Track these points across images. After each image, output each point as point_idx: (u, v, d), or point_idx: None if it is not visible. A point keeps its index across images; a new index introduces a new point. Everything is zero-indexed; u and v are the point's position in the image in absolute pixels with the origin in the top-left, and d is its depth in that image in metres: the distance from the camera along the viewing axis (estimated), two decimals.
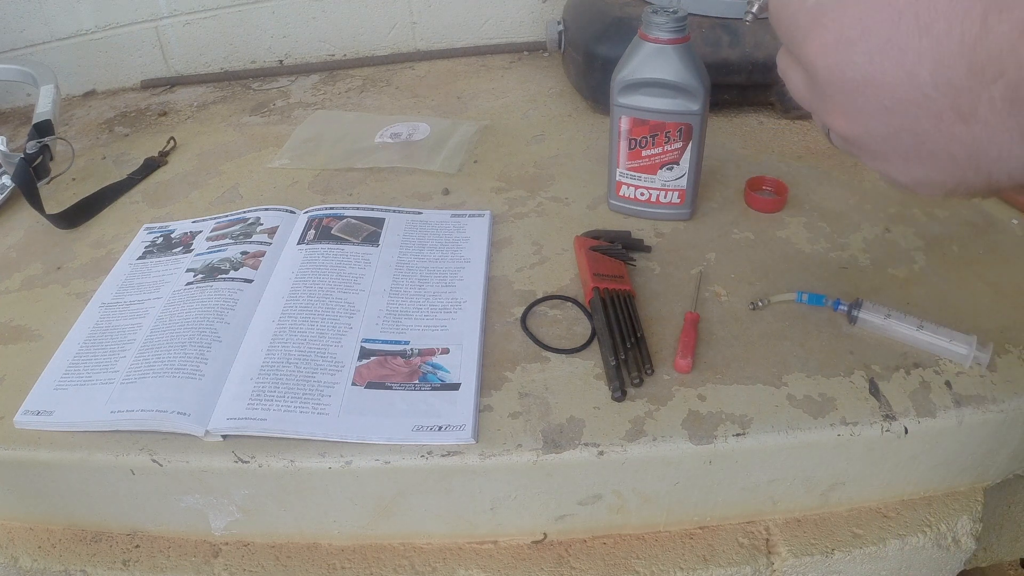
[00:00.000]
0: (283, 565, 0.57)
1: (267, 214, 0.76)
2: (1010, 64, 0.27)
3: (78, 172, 0.90)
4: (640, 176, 0.71)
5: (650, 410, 0.54)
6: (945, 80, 0.29)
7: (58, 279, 0.72)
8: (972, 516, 0.57)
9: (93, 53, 1.11)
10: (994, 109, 0.28)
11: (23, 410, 0.56)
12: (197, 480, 0.54)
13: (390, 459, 0.52)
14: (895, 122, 0.32)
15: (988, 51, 0.27)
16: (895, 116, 0.31)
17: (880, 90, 0.31)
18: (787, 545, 0.55)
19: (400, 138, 0.91)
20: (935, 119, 0.30)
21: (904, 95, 0.30)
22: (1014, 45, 0.27)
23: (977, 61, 0.28)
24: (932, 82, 0.29)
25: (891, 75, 0.30)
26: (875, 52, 0.30)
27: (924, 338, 0.57)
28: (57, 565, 0.57)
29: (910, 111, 0.31)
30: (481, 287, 0.65)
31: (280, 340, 0.60)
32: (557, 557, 0.56)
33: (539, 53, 1.14)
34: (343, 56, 1.16)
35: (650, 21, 0.64)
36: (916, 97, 0.30)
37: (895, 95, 0.31)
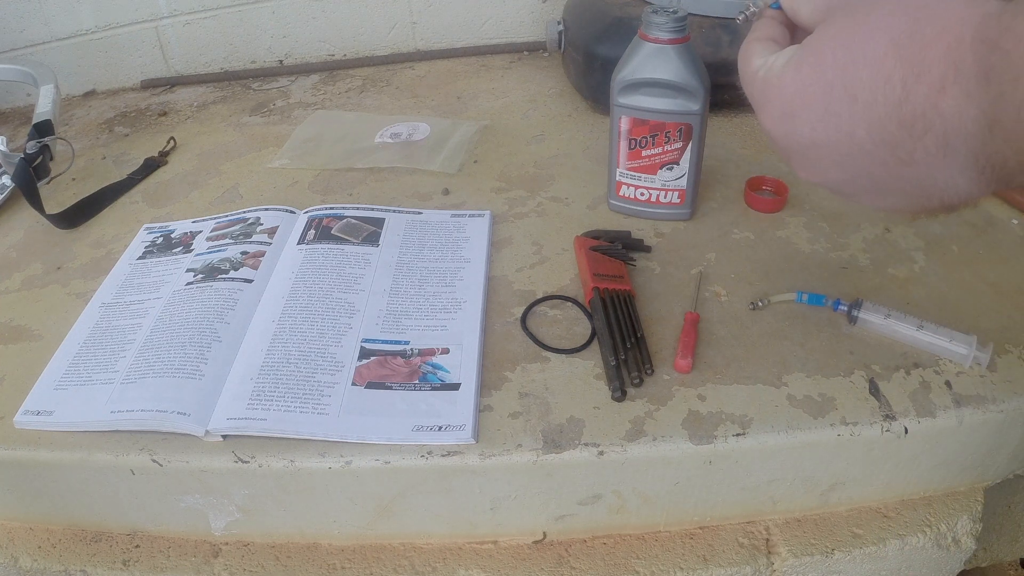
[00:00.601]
0: (283, 565, 0.57)
1: (267, 214, 0.76)
2: (934, 119, 0.31)
3: (78, 172, 0.90)
4: (640, 176, 0.71)
5: (650, 410, 0.54)
6: (880, 138, 0.33)
7: (58, 279, 0.72)
8: (972, 516, 0.57)
9: (93, 53, 1.11)
10: (929, 155, 0.32)
11: (23, 410, 0.56)
12: (197, 480, 0.54)
13: (390, 459, 0.52)
14: (848, 171, 0.36)
15: (912, 110, 0.31)
16: (846, 168, 0.36)
17: (827, 150, 0.35)
18: (787, 545, 0.55)
19: (400, 138, 0.91)
20: (881, 166, 0.34)
21: (848, 151, 0.34)
22: (934, 103, 0.30)
23: (905, 119, 0.31)
24: (870, 139, 0.33)
25: (833, 138, 0.35)
26: (816, 121, 0.35)
27: (924, 338, 0.57)
28: (57, 565, 0.57)
29: (858, 162, 0.35)
30: (481, 287, 0.65)
31: (280, 340, 0.60)
32: (557, 557, 0.56)
33: (539, 53, 1.14)
34: (343, 56, 1.16)
35: (650, 21, 0.64)
36: (858, 151, 0.34)
37: (841, 152, 0.35)
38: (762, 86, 0.38)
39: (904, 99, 0.31)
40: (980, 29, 0.29)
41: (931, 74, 0.30)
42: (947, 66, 0.30)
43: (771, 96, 0.37)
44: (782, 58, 0.37)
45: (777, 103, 0.36)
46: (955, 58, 0.29)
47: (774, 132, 0.38)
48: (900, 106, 0.31)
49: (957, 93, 0.30)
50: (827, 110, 0.34)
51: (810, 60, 0.35)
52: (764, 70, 0.38)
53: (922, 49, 0.30)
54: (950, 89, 0.30)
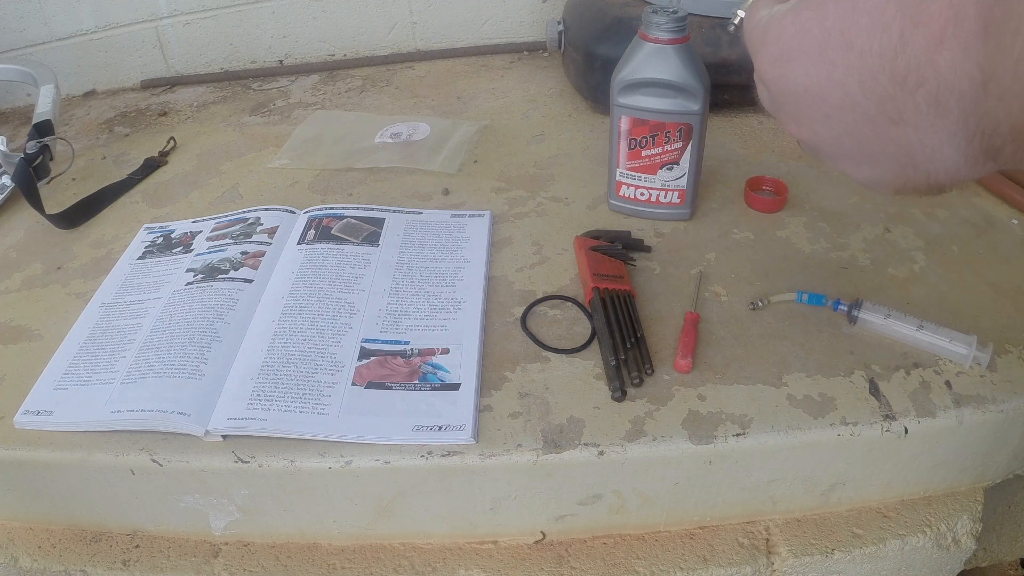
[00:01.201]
0: (283, 565, 0.57)
1: (267, 214, 0.76)
2: (928, 74, 0.30)
3: (78, 172, 0.90)
4: (640, 176, 0.71)
5: (650, 410, 0.54)
6: (872, 89, 0.32)
7: (58, 279, 0.72)
8: (972, 516, 0.57)
9: (93, 53, 1.11)
10: (920, 113, 0.31)
11: (23, 410, 0.56)
12: (197, 480, 0.54)
13: (390, 459, 0.52)
14: (836, 127, 0.35)
15: (907, 63, 0.31)
16: (835, 121, 0.35)
17: (818, 99, 0.35)
18: (787, 545, 0.55)
19: (400, 138, 0.91)
20: (870, 123, 0.34)
21: (839, 103, 0.34)
22: (930, 57, 0.30)
23: (898, 72, 0.31)
24: (861, 91, 0.33)
25: (825, 86, 0.34)
26: (810, 66, 0.35)
27: (924, 338, 0.57)
28: (57, 565, 0.57)
29: (847, 117, 0.34)
30: (481, 287, 0.65)
31: (280, 340, 0.60)
32: (557, 557, 0.56)
33: (539, 53, 1.14)
34: (343, 56, 1.16)
35: (650, 21, 0.64)
36: (849, 104, 0.34)
37: (831, 103, 0.35)
38: (762, 31, 0.38)
39: (900, 50, 0.31)
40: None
41: (931, 25, 0.30)
42: (948, 18, 0.29)
43: (769, 39, 0.37)
44: (786, 5, 0.37)
45: (774, 46, 0.36)
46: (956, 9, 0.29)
47: (768, 75, 0.37)
48: (895, 57, 0.31)
49: (955, 47, 0.29)
50: (822, 56, 0.34)
51: (812, 4, 0.35)
52: (768, 17, 0.38)
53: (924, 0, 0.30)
54: (948, 42, 0.29)
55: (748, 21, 0.40)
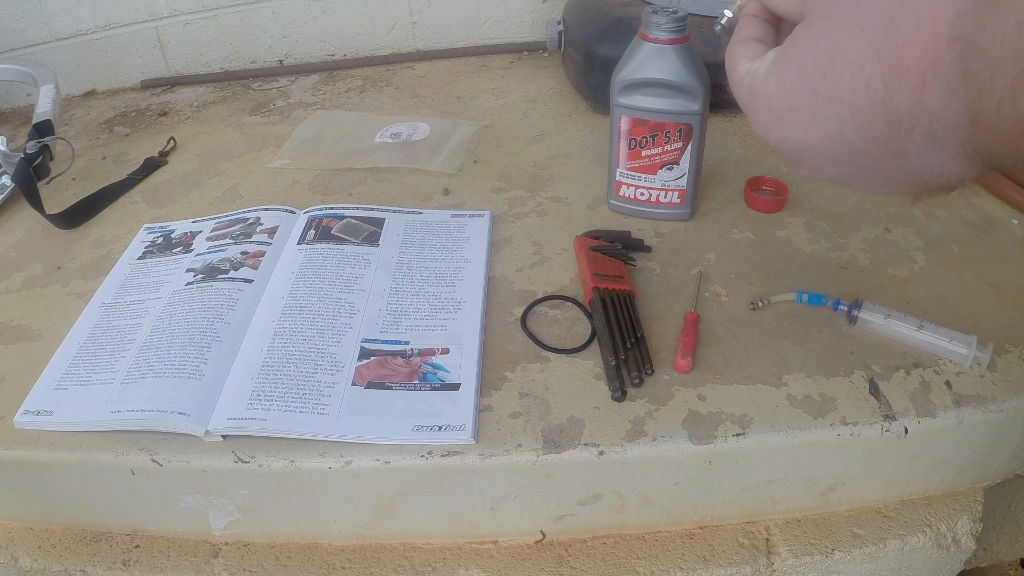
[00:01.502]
0: (283, 565, 0.57)
1: (267, 214, 0.76)
2: (919, 114, 0.31)
3: (78, 172, 0.90)
4: (640, 176, 0.71)
5: (650, 410, 0.54)
6: (869, 136, 0.33)
7: (58, 279, 0.72)
8: (972, 516, 0.57)
9: (93, 53, 1.11)
10: (919, 147, 0.32)
11: (23, 410, 0.56)
12: (197, 480, 0.54)
13: (390, 459, 0.52)
14: (844, 167, 0.37)
15: (898, 107, 0.31)
16: (842, 164, 0.36)
17: (820, 151, 0.36)
18: (787, 545, 0.55)
19: (400, 138, 0.91)
20: (874, 159, 0.34)
21: (841, 151, 0.35)
22: (918, 99, 0.31)
23: (891, 116, 0.32)
24: (859, 138, 0.34)
25: (824, 140, 0.35)
26: (805, 126, 0.35)
27: (924, 338, 0.57)
28: (57, 565, 0.57)
29: (852, 159, 0.35)
30: (481, 287, 0.65)
31: (280, 340, 0.60)
32: (557, 557, 0.56)
33: (539, 53, 1.14)
34: (343, 56, 1.16)
35: (650, 21, 0.64)
36: (851, 150, 0.35)
37: (834, 152, 0.36)
38: (749, 94, 0.38)
39: (888, 98, 0.31)
40: (955, 26, 0.29)
41: (911, 73, 0.30)
42: (926, 65, 0.30)
43: (759, 104, 0.37)
44: (765, 64, 0.37)
45: (765, 111, 0.37)
46: (933, 57, 0.30)
47: (766, 138, 0.38)
48: (885, 104, 0.32)
49: (938, 90, 0.30)
50: (814, 115, 0.35)
51: (792, 66, 0.35)
52: (749, 77, 0.38)
53: (900, 49, 0.31)
54: (931, 86, 0.30)
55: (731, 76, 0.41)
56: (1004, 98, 0.28)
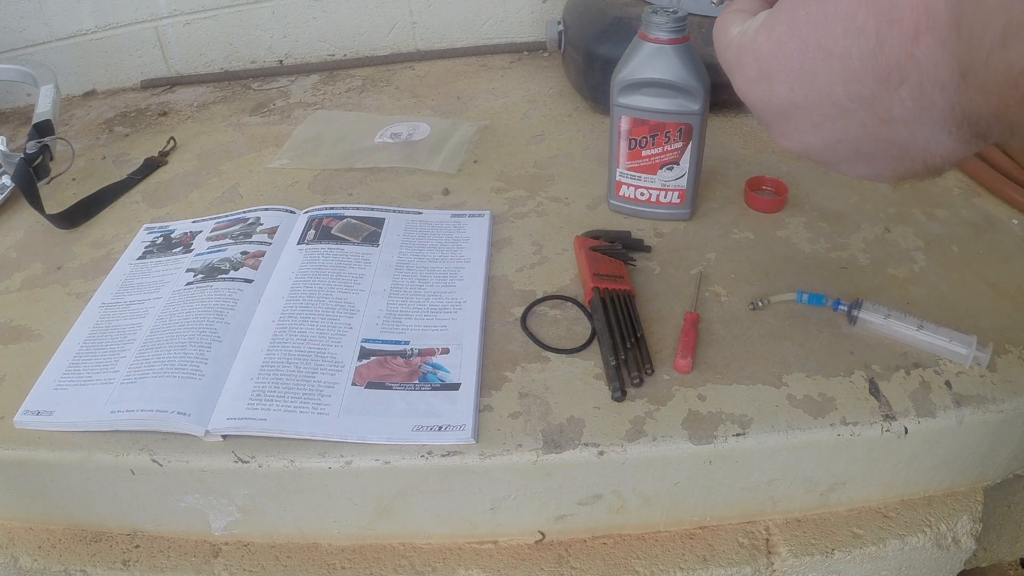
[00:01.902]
0: (283, 565, 0.57)
1: (267, 214, 0.76)
2: (909, 68, 0.30)
3: (78, 172, 0.90)
4: (640, 176, 0.71)
5: (650, 410, 0.54)
6: (857, 93, 0.32)
7: (58, 279, 0.72)
8: (972, 516, 0.57)
9: (93, 53, 1.11)
10: (907, 109, 0.31)
11: (23, 410, 0.56)
12: (197, 480, 0.54)
13: (390, 459, 0.52)
14: (827, 135, 0.35)
15: (887, 60, 0.31)
16: (825, 130, 0.35)
17: (805, 111, 0.35)
18: (787, 545, 0.55)
19: (400, 138, 0.91)
20: (859, 126, 0.34)
21: (827, 111, 0.34)
22: (909, 51, 0.30)
23: (880, 70, 0.31)
24: (847, 96, 0.33)
25: (811, 97, 0.34)
26: (792, 80, 0.34)
27: (924, 338, 0.57)
28: (57, 565, 0.57)
29: (837, 124, 0.34)
30: (481, 287, 0.65)
31: (280, 340, 0.60)
32: (557, 557, 0.56)
33: (539, 53, 1.14)
34: (343, 56, 1.16)
35: (650, 21, 0.64)
36: (837, 111, 0.34)
37: (819, 113, 0.34)
38: (737, 51, 0.37)
39: (878, 49, 0.31)
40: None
41: (904, 22, 0.30)
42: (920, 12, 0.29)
43: (746, 59, 0.37)
44: (756, 21, 0.37)
45: (752, 65, 0.36)
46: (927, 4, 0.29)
47: (750, 95, 0.37)
48: (875, 56, 0.31)
49: (931, 40, 0.29)
50: (802, 67, 0.34)
51: (784, 18, 0.35)
52: (739, 36, 0.38)
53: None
54: (924, 36, 0.29)
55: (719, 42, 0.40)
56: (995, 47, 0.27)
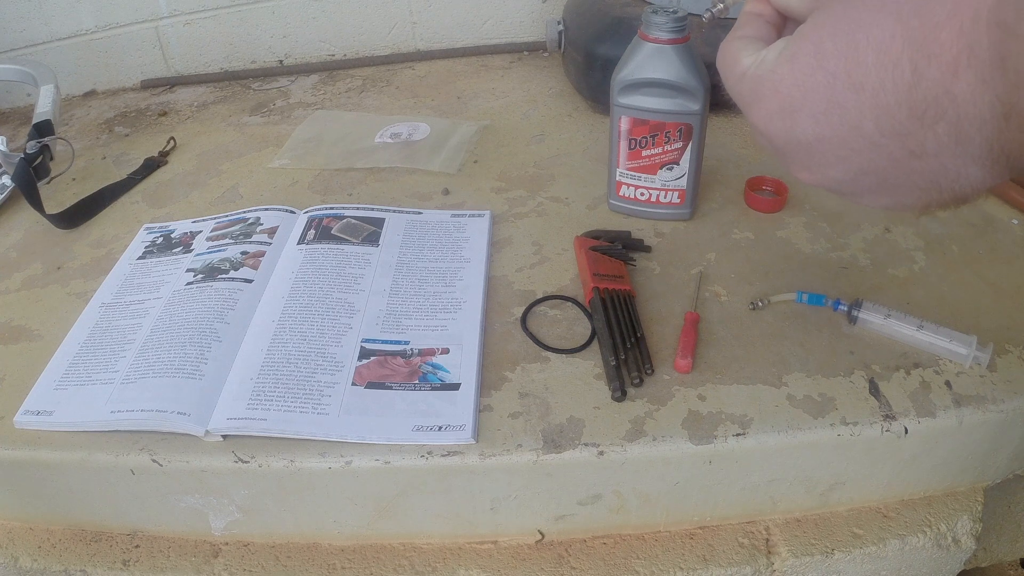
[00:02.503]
0: (283, 565, 0.57)
1: (267, 214, 0.76)
2: (947, 105, 0.28)
3: (78, 172, 0.90)
4: (640, 176, 0.71)
5: (650, 410, 0.54)
6: (889, 127, 0.30)
7: (58, 279, 0.72)
8: (972, 516, 0.57)
9: (93, 53, 1.11)
10: (941, 144, 0.30)
11: (23, 410, 0.56)
12: (197, 480, 0.54)
13: (390, 459, 0.52)
14: (853, 167, 0.33)
15: (924, 95, 0.29)
16: (852, 163, 0.33)
17: (832, 145, 0.33)
18: (787, 545, 0.55)
19: (400, 138, 0.91)
20: (889, 159, 0.32)
21: (855, 145, 0.32)
22: (947, 88, 0.28)
23: (916, 106, 0.29)
24: (878, 131, 0.31)
25: (839, 131, 0.32)
26: (819, 114, 0.32)
27: (924, 338, 0.57)
28: (57, 565, 0.57)
29: (865, 157, 0.32)
30: (481, 287, 0.65)
31: (280, 340, 0.60)
32: (557, 557, 0.56)
33: (539, 53, 1.14)
34: (343, 56, 1.16)
35: (650, 21, 0.64)
36: (867, 145, 0.32)
37: (847, 147, 0.32)
38: (753, 83, 0.35)
39: (915, 84, 0.29)
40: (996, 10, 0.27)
41: (943, 56, 0.28)
42: (960, 48, 0.28)
43: (765, 93, 0.34)
44: (774, 51, 0.34)
45: (773, 99, 0.34)
46: (969, 40, 0.27)
47: (771, 131, 0.35)
48: (911, 91, 0.29)
49: (971, 77, 0.28)
50: (831, 101, 0.32)
51: (808, 49, 0.32)
52: (755, 67, 0.35)
53: (933, 29, 0.28)
54: (964, 73, 0.28)
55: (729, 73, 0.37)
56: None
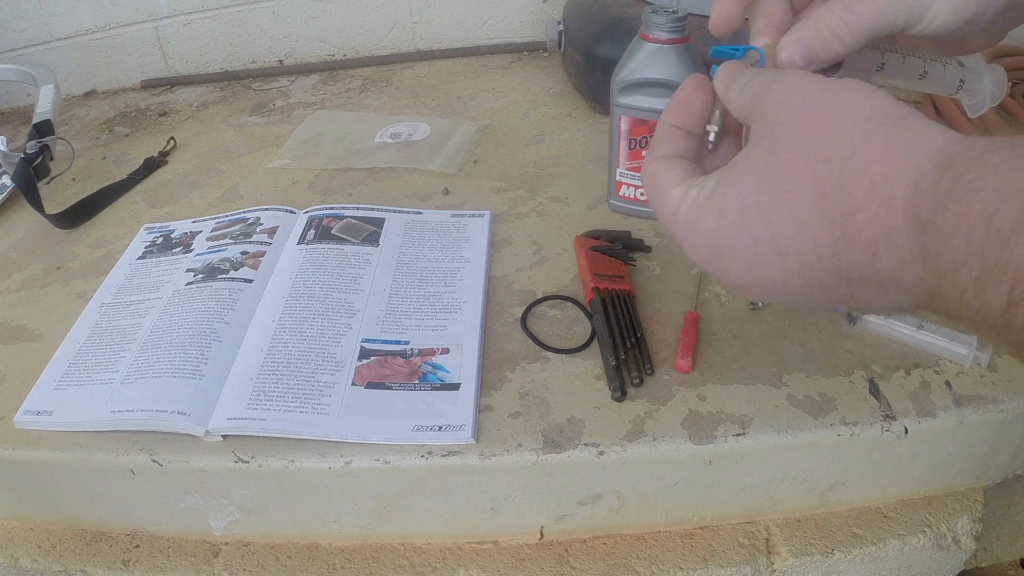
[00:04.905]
0: (283, 565, 0.57)
1: (267, 214, 0.76)
2: (871, 274, 0.29)
3: (78, 172, 0.90)
4: (640, 176, 0.70)
5: (650, 410, 0.54)
6: (817, 284, 0.31)
7: (58, 279, 0.72)
8: (972, 516, 0.57)
9: (93, 53, 1.11)
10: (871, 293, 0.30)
11: (23, 410, 0.56)
12: (197, 480, 0.54)
13: (390, 459, 0.52)
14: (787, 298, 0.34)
15: (847, 266, 0.29)
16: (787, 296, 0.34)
17: (762, 290, 0.34)
18: (787, 545, 0.55)
19: (400, 138, 0.91)
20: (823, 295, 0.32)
21: (785, 291, 0.33)
22: (868, 262, 0.29)
23: (841, 272, 0.30)
24: (805, 285, 0.32)
25: (768, 282, 0.33)
26: (747, 267, 0.33)
27: (924, 338, 0.57)
28: (57, 565, 0.57)
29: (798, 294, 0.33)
30: (481, 287, 0.65)
31: (280, 340, 0.60)
32: (557, 557, 0.56)
33: (539, 53, 1.14)
34: (343, 56, 1.16)
35: (650, 21, 0.64)
36: (796, 292, 0.33)
37: (778, 291, 0.33)
38: (685, 226, 0.35)
39: (836, 259, 0.29)
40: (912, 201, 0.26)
41: (861, 240, 0.28)
42: (878, 233, 0.28)
43: (697, 239, 0.34)
44: (704, 193, 0.34)
45: (704, 247, 0.34)
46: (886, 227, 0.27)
47: (706, 268, 0.35)
48: (833, 261, 0.29)
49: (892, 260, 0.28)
50: (757, 260, 0.32)
51: (734, 207, 0.32)
52: (686, 207, 0.35)
53: (849, 213, 0.28)
54: (883, 255, 0.28)
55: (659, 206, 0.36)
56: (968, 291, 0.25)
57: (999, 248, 0.24)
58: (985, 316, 0.25)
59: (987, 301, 0.25)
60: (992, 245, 0.24)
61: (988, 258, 0.24)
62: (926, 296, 0.28)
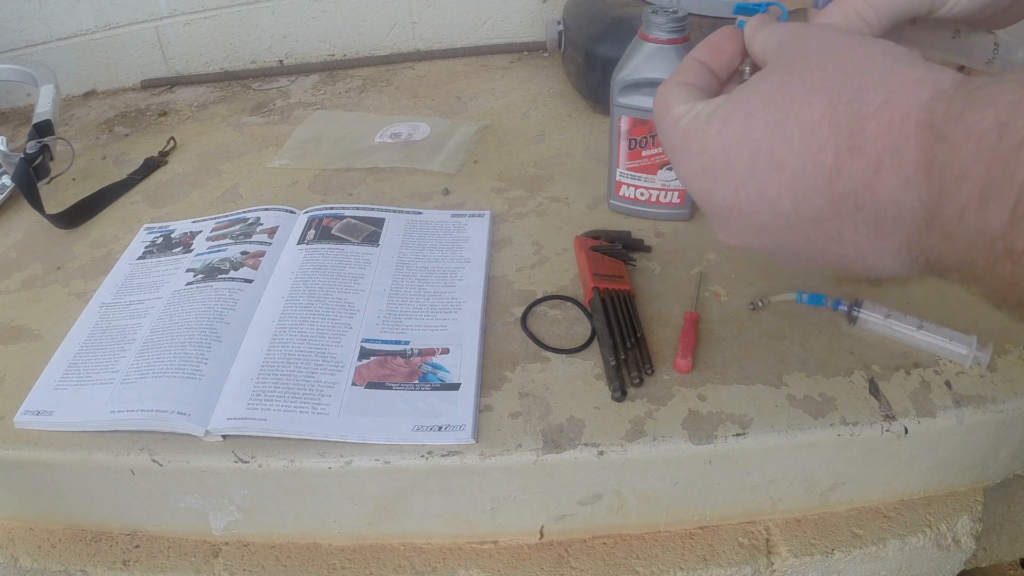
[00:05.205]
0: (283, 565, 0.57)
1: (267, 214, 0.76)
2: (867, 199, 0.28)
3: (78, 172, 0.90)
4: (640, 176, 0.71)
5: (650, 410, 0.54)
6: (807, 210, 0.30)
7: (58, 279, 0.72)
8: (972, 516, 0.57)
9: (93, 53, 1.11)
10: (859, 234, 0.29)
11: (23, 410, 0.56)
12: (197, 480, 0.54)
13: (390, 459, 0.52)
14: (769, 240, 0.33)
15: (844, 187, 0.28)
16: (767, 236, 0.33)
17: (748, 216, 0.32)
18: (787, 545, 0.55)
19: (400, 138, 0.91)
20: (805, 239, 0.31)
21: (771, 221, 0.32)
22: (868, 182, 0.28)
23: (835, 194, 0.29)
24: (795, 211, 0.30)
25: (756, 204, 0.31)
26: (738, 184, 0.31)
27: (924, 338, 0.57)
28: (57, 565, 0.57)
29: (781, 233, 0.32)
30: (481, 287, 0.65)
31: (280, 340, 0.60)
32: (557, 557, 0.56)
33: (539, 53, 1.14)
34: (343, 56, 1.16)
35: (650, 21, 0.64)
36: (783, 223, 0.31)
37: (763, 220, 0.32)
38: (683, 135, 0.34)
39: (836, 173, 0.28)
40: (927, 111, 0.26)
41: (867, 151, 0.27)
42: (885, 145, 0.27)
43: (692, 148, 0.33)
44: (709, 107, 0.33)
45: (698, 156, 0.33)
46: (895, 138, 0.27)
47: (692, 187, 0.34)
48: (831, 179, 0.28)
49: (894, 177, 0.27)
50: (751, 174, 0.31)
51: (739, 114, 0.31)
52: (687, 118, 0.34)
53: (861, 120, 0.27)
54: (886, 171, 0.27)
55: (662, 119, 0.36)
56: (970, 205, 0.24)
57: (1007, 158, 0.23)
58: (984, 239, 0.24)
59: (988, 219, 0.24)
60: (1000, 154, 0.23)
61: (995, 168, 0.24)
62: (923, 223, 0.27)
